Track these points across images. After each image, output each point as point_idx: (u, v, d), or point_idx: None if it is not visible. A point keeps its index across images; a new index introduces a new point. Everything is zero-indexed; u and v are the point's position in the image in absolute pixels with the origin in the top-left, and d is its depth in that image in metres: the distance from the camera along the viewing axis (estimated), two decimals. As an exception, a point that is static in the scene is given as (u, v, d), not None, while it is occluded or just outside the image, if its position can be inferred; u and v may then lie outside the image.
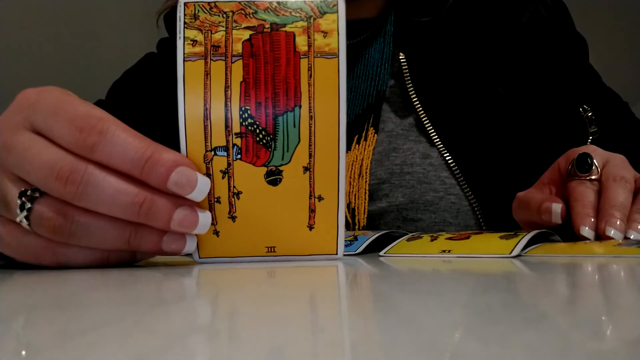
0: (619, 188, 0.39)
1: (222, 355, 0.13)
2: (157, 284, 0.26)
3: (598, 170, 0.41)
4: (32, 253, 0.32)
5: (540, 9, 0.62)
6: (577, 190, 0.40)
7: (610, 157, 0.42)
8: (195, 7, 0.33)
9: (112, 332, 0.15)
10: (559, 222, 0.40)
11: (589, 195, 0.40)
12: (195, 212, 0.31)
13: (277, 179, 0.34)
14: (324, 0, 0.34)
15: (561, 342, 0.13)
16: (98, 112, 0.30)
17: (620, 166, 0.41)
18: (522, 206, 0.45)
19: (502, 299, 0.19)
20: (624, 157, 0.43)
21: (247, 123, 0.33)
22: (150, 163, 0.30)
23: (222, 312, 0.19)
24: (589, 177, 0.41)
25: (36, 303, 0.21)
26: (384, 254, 0.38)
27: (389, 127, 0.58)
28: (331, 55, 0.34)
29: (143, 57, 0.72)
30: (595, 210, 0.39)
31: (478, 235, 0.38)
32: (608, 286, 0.23)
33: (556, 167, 0.45)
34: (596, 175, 0.41)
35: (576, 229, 0.38)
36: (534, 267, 0.29)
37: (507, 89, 0.58)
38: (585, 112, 0.59)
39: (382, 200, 0.56)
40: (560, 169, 0.44)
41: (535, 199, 0.43)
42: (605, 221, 0.37)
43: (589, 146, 0.45)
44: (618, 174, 0.40)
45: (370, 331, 0.15)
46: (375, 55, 0.60)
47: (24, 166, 0.30)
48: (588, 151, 0.42)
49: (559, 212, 0.40)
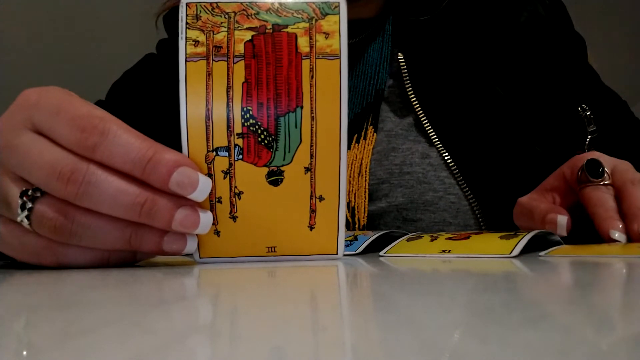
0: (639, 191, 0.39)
1: (223, 355, 0.13)
2: (157, 284, 0.26)
3: (609, 176, 0.41)
4: (33, 253, 0.32)
5: (539, 8, 0.62)
6: (595, 195, 0.40)
7: (617, 163, 0.42)
8: (197, 7, 0.33)
9: (112, 332, 0.15)
10: (564, 234, 0.40)
11: (609, 200, 0.40)
12: (197, 213, 0.31)
13: (279, 180, 0.34)
14: (325, 2, 0.34)
15: (561, 342, 0.13)
16: (100, 112, 0.30)
17: (631, 171, 0.41)
18: (525, 214, 0.45)
19: (502, 299, 0.19)
20: (629, 163, 0.43)
21: (249, 123, 0.33)
22: (151, 163, 0.30)
23: (223, 312, 0.19)
24: (602, 182, 0.41)
25: (36, 303, 0.21)
26: (384, 254, 0.38)
27: (388, 126, 0.58)
28: (333, 56, 0.34)
29: (143, 58, 0.72)
30: (618, 213, 0.39)
31: (478, 235, 0.38)
32: (609, 286, 0.23)
33: (561, 175, 0.45)
34: (608, 180, 0.41)
35: (605, 233, 0.38)
36: (534, 267, 0.29)
37: (506, 88, 0.58)
38: (584, 111, 0.59)
39: (382, 201, 0.56)
40: (567, 177, 0.44)
41: (539, 209, 0.43)
42: (637, 223, 0.37)
43: (593, 152, 0.44)
44: (636, 178, 0.40)
45: (371, 331, 0.15)
46: (374, 54, 0.60)
47: (25, 166, 0.30)
48: (594, 157, 0.42)
49: (564, 224, 0.40)
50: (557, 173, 0.45)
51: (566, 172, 0.44)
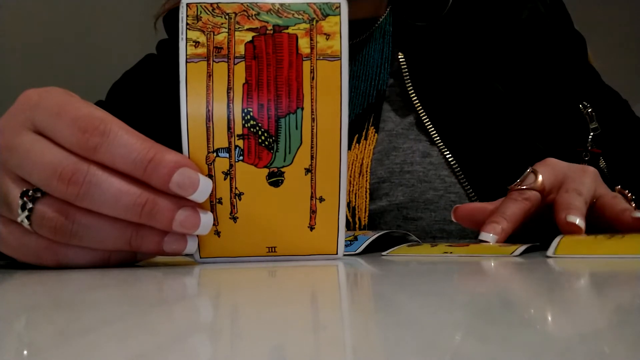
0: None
1: (223, 354, 0.13)
2: (157, 284, 0.26)
3: (537, 182, 0.42)
4: (33, 253, 0.32)
5: (539, 6, 0.62)
6: (504, 200, 0.42)
7: (569, 172, 0.43)
8: (197, 8, 0.33)
9: (112, 332, 0.15)
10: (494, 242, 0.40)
11: (507, 205, 0.41)
12: (197, 213, 0.31)
13: (279, 181, 0.34)
14: (326, 3, 0.34)
15: (561, 342, 0.13)
16: (100, 113, 0.30)
17: (576, 181, 0.41)
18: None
19: (502, 299, 0.19)
20: (585, 171, 0.43)
21: (250, 125, 0.33)
22: (152, 164, 0.30)
23: (223, 312, 0.19)
24: (518, 187, 0.42)
25: (37, 303, 0.21)
26: (386, 254, 0.39)
27: (389, 126, 0.58)
28: (334, 57, 0.34)
29: (143, 59, 0.72)
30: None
31: (476, 245, 0.38)
32: (608, 286, 0.23)
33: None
34: (532, 185, 0.42)
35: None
36: (535, 267, 0.29)
37: (507, 86, 0.58)
38: (586, 108, 0.59)
39: (382, 199, 0.56)
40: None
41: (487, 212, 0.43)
42: (564, 212, 0.38)
43: (547, 160, 0.44)
44: (571, 186, 0.40)
45: (371, 331, 0.15)
46: (375, 55, 0.60)
47: (26, 166, 0.30)
48: (544, 164, 0.43)
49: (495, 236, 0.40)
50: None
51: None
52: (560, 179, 0.42)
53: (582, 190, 0.40)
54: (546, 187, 0.41)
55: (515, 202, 0.41)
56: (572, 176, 0.42)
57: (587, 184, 0.41)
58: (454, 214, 0.44)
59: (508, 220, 0.39)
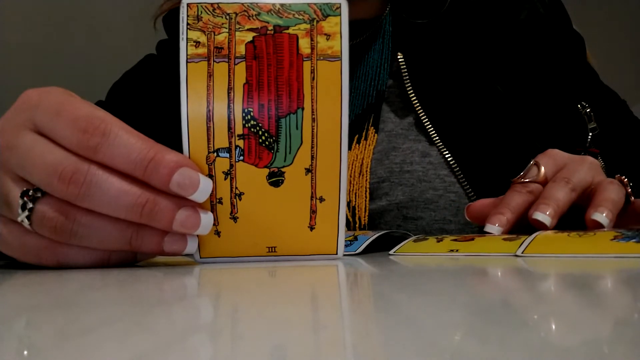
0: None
1: (224, 354, 0.13)
2: (157, 284, 0.26)
3: (540, 175, 0.43)
4: (33, 253, 0.32)
5: (538, 7, 0.62)
6: (508, 193, 0.44)
7: (569, 161, 0.44)
8: (198, 8, 0.33)
9: (112, 332, 0.15)
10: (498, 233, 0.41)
11: (512, 197, 0.43)
12: (198, 213, 0.31)
13: (279, 181, 0.34)
14: (326, 3, 0.34)
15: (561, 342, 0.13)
16: (101, 113, 0.30)
17: (569, 169, 0.43)
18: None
19: (502, 299, 0.19)
20: (584, 161, 0.44)
21: (250, 125, 0.33)
22: (152, 164, 0.30)
23: (223, 312, 0.19)
24: (522, 180, 0.43)
25: (37, 303, 0.21)
26: (393, 252, 0.39)
27: (388, 127, 0.58)
28: (334, 58, 0.34)
29: (143, 59, 0.72)
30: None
31: (481, 237, 0.38)
32: (609, 287, 0.23)
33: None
34: (536, 177, 0.43)
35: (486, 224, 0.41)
36: (535, 267, 0.29)
37: (506, 86, 0.58)
38: (584, 108, 0.60)
39: (382, 199, 0.56)
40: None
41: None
42: (540, 212, 0.39)
43: (549, 150, 0.46)
44: (559, 176, 0.42)
45: (371, 331, 0.15)
46: (375, 55, 0.61)
47: (26, 166, 0.30)
48: (546, 154, 0.45)
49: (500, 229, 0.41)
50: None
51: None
52: (561, 169, 0.43)
53: (571, 178, 0.41)
54: (548, 178, 0.43)
55: (519, 194, 0.42)
56: (569, 165, 0.43)
57: (580, 172, 0.42)
58: (467, 213, 0.45)
59: (512, 212, 0.41)
